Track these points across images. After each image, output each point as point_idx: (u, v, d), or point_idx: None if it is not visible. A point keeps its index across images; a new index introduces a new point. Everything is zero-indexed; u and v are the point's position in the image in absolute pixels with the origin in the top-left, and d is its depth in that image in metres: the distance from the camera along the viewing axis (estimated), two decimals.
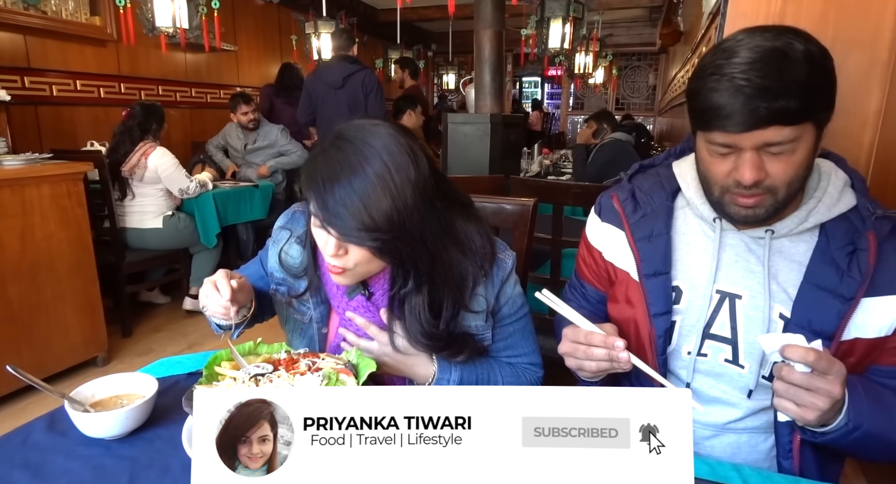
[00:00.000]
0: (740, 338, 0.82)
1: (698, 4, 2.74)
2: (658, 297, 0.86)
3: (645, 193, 0.93)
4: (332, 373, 0.75)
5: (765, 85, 0.67)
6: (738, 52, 0.70)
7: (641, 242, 0.89)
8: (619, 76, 8.52)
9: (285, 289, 0.95)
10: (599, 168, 3.36)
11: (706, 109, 0.72)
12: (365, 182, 0.71)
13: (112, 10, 3.46)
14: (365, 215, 0.71)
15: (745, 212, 0.77)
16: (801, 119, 0.69)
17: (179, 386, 0.89)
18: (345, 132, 0.76)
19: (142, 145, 2.85)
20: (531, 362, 0.97)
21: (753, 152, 0.72)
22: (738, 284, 0.83)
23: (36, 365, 2.27)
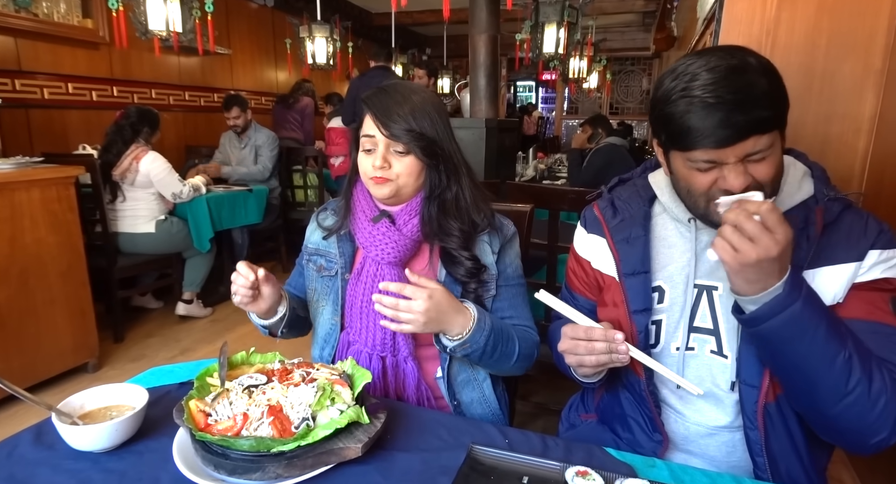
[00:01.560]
0: (721, 328, 0.86)
1: (692, 10, 2.75)
2: (637, 294, 0.90)
3: (623, 201, 0.98)
4: (327, 384, 0.73)
5: (738, 99, 0.71)
6: (699, 75, 0.73)
7: (620, 245, 0.94)
8: (613, 80, 8.56)
9: (318, 257, 1.09)
10: (595, 172, 3.36)
11: (684, 131, 0.75)
12: (412, 103, 0.95)
13: (105, 13, 3.43)
14: (413, 122, 0.93)
15: None
16: (774, 126, 0.73)
17: (171, 396, 0.87)
18: (393, 82, 1.02)
19: (133, 149, 2.82)
20: (529, 325, 1.07)
21: (735, 163, 0.75)
22: (713, 276, 0.87)
23: (25, 371, 2.23)
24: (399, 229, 0.99)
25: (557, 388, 2.29)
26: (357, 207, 1.03)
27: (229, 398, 0.71)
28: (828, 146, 1.27)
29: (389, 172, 0.96)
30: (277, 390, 0.72)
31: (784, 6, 1.24)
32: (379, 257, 0.98)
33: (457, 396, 1.04)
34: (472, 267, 0.99)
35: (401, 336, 1.00)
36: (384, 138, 0.95)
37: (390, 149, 0.96)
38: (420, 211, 1.00)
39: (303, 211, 4.32)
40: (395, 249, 0.98)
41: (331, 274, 1.07)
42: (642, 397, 0.93)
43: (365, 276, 1.01)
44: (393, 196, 0.98)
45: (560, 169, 4.80)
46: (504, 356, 0.98)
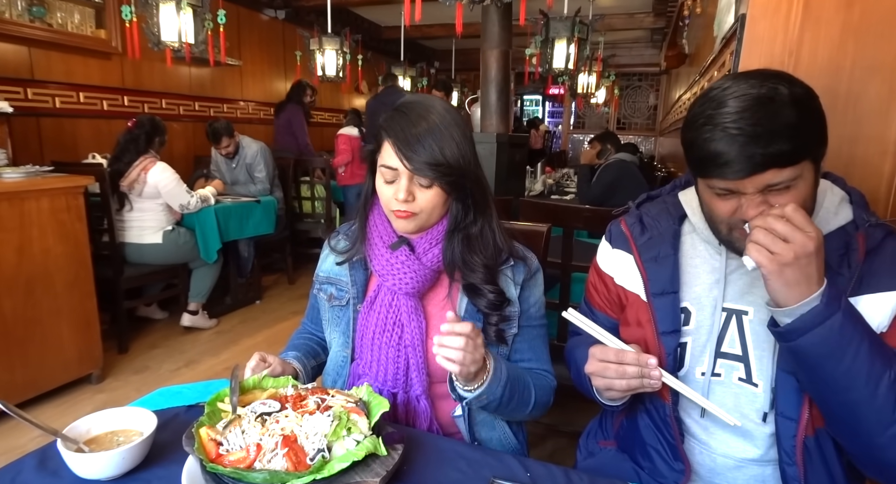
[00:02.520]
0: (751, 354, 0.83)
1: (705, 27, 2.74)
2: (666, 315, 0.87)
3: (652, 218, 0.96)
4: (343, 413, 0.70)
5: (757, 132, 0.69)
6: (727, 102, 0.72)
7: (649, 263, 0.91)
8: (621, 96, 8.57)
9: (328, 285, 1.03)
10: (604, 188, 3.34)
11: (703, 158, 0.74)
12: (434, 129, 0.87)
13: (118, 24, 3.45)
14: (437, 153, 0.86)
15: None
16: (797, 159, 0.71)
17: (179, 420, 0.84)
18: (409, 99, 0.94)
19: (142, 160, 2.82)
20: (547, 370, 1.03)
21: (754, 193, 0.74)
22: (743, 301, 0.84)
23: (29, 382, 2.21)
24: (419, 258, 0.93)
25: (568, 409, 2.25)
26: (373, 232, 0.97)
27: (241, 426, 0.68)
28: (852, 169, 1.24)
29: (413, 205, 0.90)
30: (292, 419, 0.69)
31: (807, 27, 1.22)
32: (396, 287, 0.93)
33: (476, 435, 0.99)
34: (496, 299, 0.94)
35: (414, 372, 0.94)
36: (407, 172, 0.88)
37: (414, 180, 0.89)
38: (442, 243, 0.95)
39: (310, 222, 4.31)
40: (414, 278, 0.92)
41: (342, 303, 1.01)
42: (666, 423, 0.89)
43: (379, 305, 0.95)
44: (418, 230, 0.94)
45: (568, 184, 4.78)
46: (520, 405, 0.94)
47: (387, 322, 0.94)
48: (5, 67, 3.06)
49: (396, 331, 0.94)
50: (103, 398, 2.41)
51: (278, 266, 4.36)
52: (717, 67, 1.77)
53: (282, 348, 1.10)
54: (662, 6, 5.20)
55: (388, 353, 0.94)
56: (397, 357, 0.93)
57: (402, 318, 0.93)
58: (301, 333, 1.16)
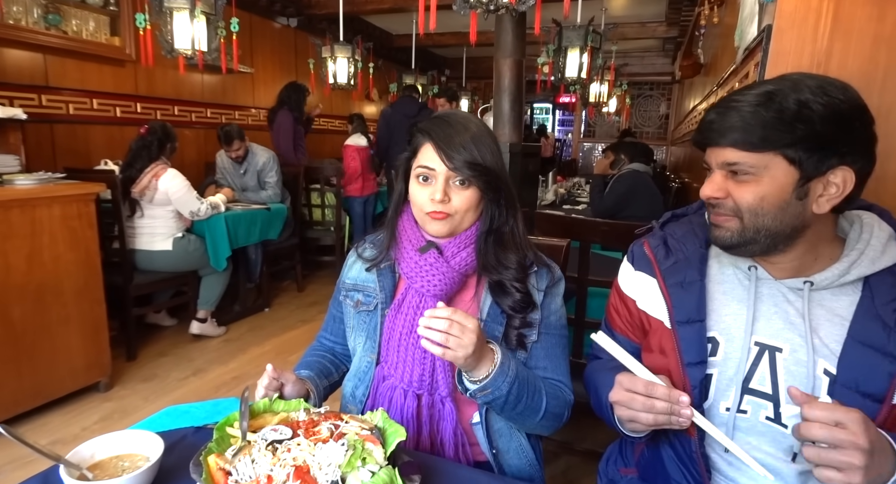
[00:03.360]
0: (782, 395, 0.78)
1: (722, 37, 2.71)
2: (691, 345, 0.83)
3: (677, 240, 0.92)
4: (358, 441, 0.67)
5: (741, 108, 0.74)
6: (755, 87, 0.75)
7: (674, 289, 0.87)
8: (632, 105, 8.53)
9: (355, 292, 1.04)
10: (617, 199, 3.30)
11: (697, 127, 0.81)
12: (471, 133, 0.92)
13: (132, 32, 3.47)
14: (475, 152, 0.91)
15: (714, 231, 0.82)
16: (759, 146, 0.73)
17: (187, 443, 0.81)
18: (446, 112, 0.99)
19: (153, 167, 2.82)
20: (563, 382, 1.01)
21: (718, 172, 0.78)
22: (778, 337, 0.79)
23: (37, 390, 2.20)
24: (447, 261, 0.95)
25: (582, 426, 2.20)
26: (403, 236, 0.99)
27: (251, 455, 0.65)
28: (884, 184, 1.20)
29: (449, 206, 0.92)
30: (304, 448, 0.65)
31: (837, 37, 1.19)
32: (424, 289, 0.94)
33: (495, 443, 0.98)
34: (522, 300, 0.95)
35: (440, 373, 0.94)
36: (445, 170, 0.91)
37: (450, 181, 0.92)
38: (475, 244, 0.96)
39: (319, 230, 4.30)
40: (442, 281, 0.93)
41: (369, 309, 1.02)
42: (692, 459, 0.85)
43: (406, 307, 0.96)
44: (450, 233, 0.95)
45: (579, 193, 4.74)
46: (529, 410, 0.91)
47: (414, 324, 0.93)
48: (21, 74, 3.08)
49: None
50: (111, 407, 2.39)
51: (287, 274, 4.34)
52: (738, 78, 1.74)
53: (290, 357, 1.09)
54: (676, 16, 5.17)
55: (415, 354, 0.94)
56: (423, 359, 0.94)
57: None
58: (315, 349, 1.14)
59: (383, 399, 0.97)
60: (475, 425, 0.97)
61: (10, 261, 2.05)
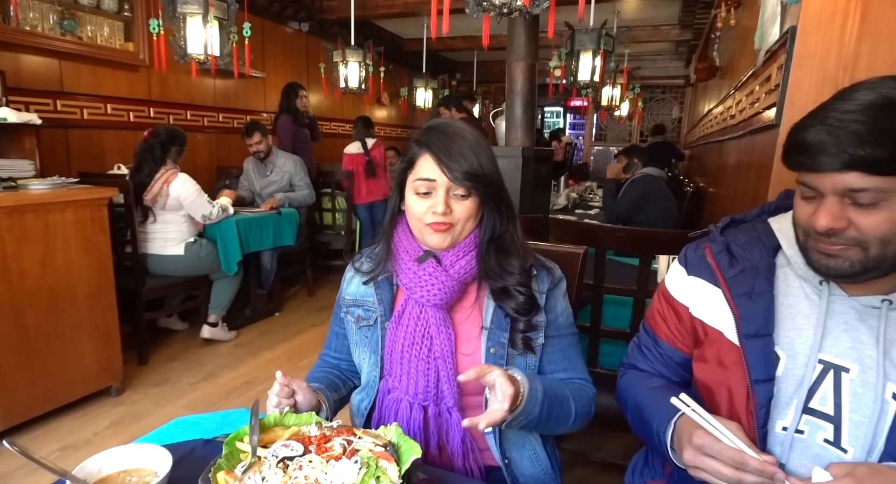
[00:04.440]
0: (844, 417, 0.72)
1: (739, 40, 2.66)
2: (760, 360, 0.77)
3: (742, 248, 0.85)
4: (371, 458, 0.65)
5: (854, 129, 0.64)
6: (855, 97, 0.67)
7: (741, 299, 0.81)
8: (644, 108, 8.47)
9: (355, 308, 1.02)
10: (630, 204, 3.25)
11: (791, 146, 0.71)
12: (471, 144, 0.91)
13: (146, 37, 3.50)
14: (475, 162, 0.89)
15: (825, 261, 0.72)
16: (889, 170, 0.64)
17: (196, 455, 0.79)
18: (439, 121, 0.97)
19: (163, 172, 2.82)
20: (584, 378, 1.01)
21: (834, 198, 0.68)
22: (846, 356, 0.73)
23: (49, 395, 2.20)
24: (446, 270, 0.93)
25: (597, 435, 2.16)
26: (399, 248, 0.97)
27: (262, 472, 0.63)
28: None
29: (451, 217, 0.91)
30: (316, 465, 0.63)
31: (865, 39, 1.15)
32: (424, 299, 0.92)
33: (507, 452, 0.97)
34: (526, 302, 0.94)
35: (445, 384, 0.93)
36: (446, 182, 0.90)
37: (450, 192, 0.91)
38: (474, 251, 0.95)
39: (330, 235, 4.29)
40: (442, 290, 0.92)
41: (369, 323, 1.00)
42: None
43: (407, 318, 0.95)
44: (450, 244, 0.94)
45: (591, 197, 4.70)
46: (560, 420, 0.91)
47: (416, 335, 0.93)
48: (36, 80, 3.11)
49: (426, 343, 0.93)
50: (122, 411, 2.39)
51: (297, 278, 4.34)
52: (759, 82, 1.70)
53: (301, 362, 1.08)
54: (689, 18, 5.12)
55: (419, 365, 0.93)
56: (427, 369, 0.93)
57: (431, 330, 0.93)
58: (320, 366, 1.12)
59: (389, 412, 0.96)
60: (487, 435, 0.96)
61: (24, 265, 2.06)
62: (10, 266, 2.01)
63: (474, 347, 0.95)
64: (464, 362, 0.94)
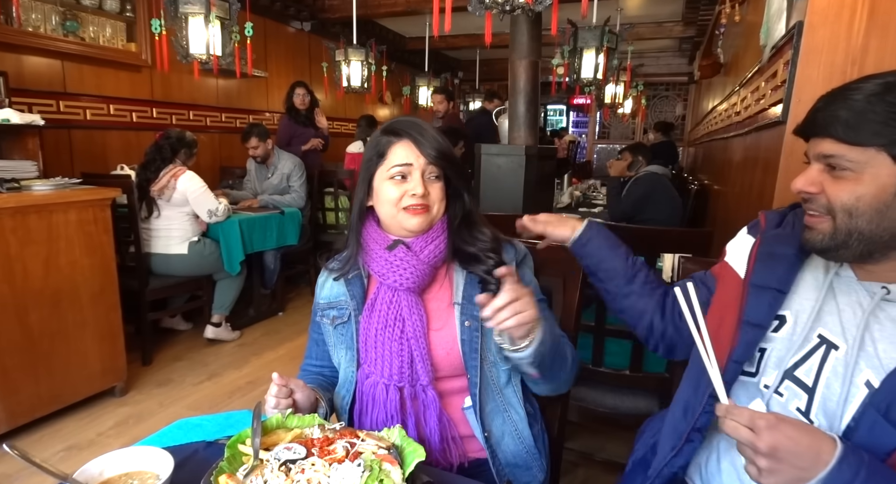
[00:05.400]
0: (818, 391, 0.74)
1: (744, 36, 2.64)
2: (759, 308, 0.81)
3: (795, 215, 0.87)
4: (375, 461, 0.64)
5: (844, 101, 0.69)
6: (869, 80, 0.70)
7: (763, 255, 0.85)
8: (647, 106, 8.43)
9: (330, 310, 1.04)
10: (635, 202, 3.24)
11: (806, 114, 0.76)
12: (432, 129, 0.98)
13: (148, 37, 3.50)
14: (444, 145, 0.96)
15: (805, 234, 0.77)
16: (861, 139, 0.67)
17: (198, 458, 0.79)
18: (396, 118, 1.01)
19: (171, 167, 2.84)
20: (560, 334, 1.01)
21: (815, 165, 0.73)
22: (840, 335, 0.75)
23: (53, 395, 2.20)
24: (416, 255, 0.96)
25: (601, 435, 2.15)
26: (368, 239, 1.00)
27: (264, 476, 0.62)
28: None
29: (428, 198, 0.96)
30: (319, 468, 0.62)
31: (873, 33, 1.13)
32: (397, 283, 0.95)
33: (487, 426, 0.97)
34: (495, 265, 0.96)
35: (419, 363, 0.94)
36: (423, 163, 0.95)
37: (425, 175, 0.96)
38: (444, 234, 0.99)
39: (333, 234, 4.28)
40: (414, 274, 0.95)
41: (343, 320, 1.02)
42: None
43: (379, 304, 0.97)
44: (427, 228, 0.97)
45: (595, 195, 4.68)
46: (562, 358, 0.96)
47: (388, 318, 0.96)
48: (39, 81, 3.12)
49: (398, 325, 0.95)
50: (126, 412, 2.39)
51: (301, 278, 4.33)
52: (764, 77, 1.68)
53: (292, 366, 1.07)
54: (693, 15, 5.09)
55: (392, 347, 0.95)
56: (401, 350, 0.95)
57: (404, 312, 0.96)
58: (303, 377, 1.11)
59: (367, 397, 0.97)
60: (467, 410, 0.97)
61: (28, 266, 2.06)
62: (13, 267, 2.01)
63: (445, 321, 0.98)
64: (436, 338, 0.96)
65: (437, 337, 0.97)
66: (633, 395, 1.62)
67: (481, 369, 0.96)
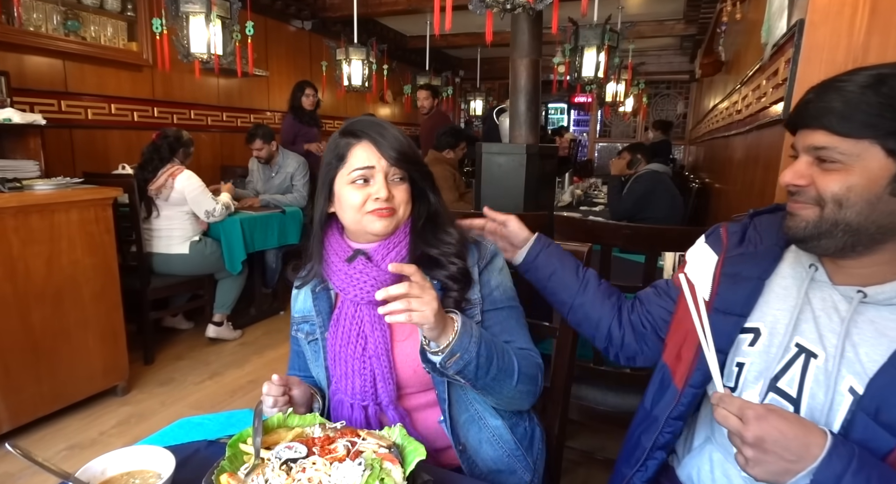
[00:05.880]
0: (804, 401, 0.74)
1: (746, 34, 2.63)
2: (720, 333, 0.80)
3: (757, 232, 0.87)
4: (376, 460, 0.64)
5: (836, 93, 0.68)
6: (860, 72, 0.69)
7: (726, 278, 0.85)
8: (649, 104, 8.41)
9: (304, 324, 1.02)
10: (636, 200, 3.24)
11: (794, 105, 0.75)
12: (394, 130, 0.93)
13: (149, 37, 3.50)
14: (406, 145, 0.92)
15: (788, 221, 0.76)
16: (854, 131, 0.67)
17: (199, 457, 0.79)
18: (356, 118, 0.98)
19: (169, 166, 2.84)
20: (528, 348, 0.98)
21: (804, 157, 0.72)
22: (817, 343, 0.75)
23: (55, 394, 2.21)
24: (377, 265, 0.92)
25: (602, 433, 2.15)
26: (329, 251, 0.96)
27: (265, 475, 0.62)
28: None
29: (393, 201, 0.91)
30: (319, 467, 0.63)
31: (875, 31, 1.13)
32: (358, 297, 0.91)
33: (462, 438, 0.95)
34: (459, 272, 0.93)
35: (381, 383, 0.92)
36: (385, 165, 0.90)
37: (388, 178, 0.91)
38: (407, 238, 0.95)
39: None
40: (375, 286, 0.89)
41: (315, 338, 1.00)
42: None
43: (343, 318, 0.94)
44: (393, 231, 0.93)
45: (596, 194, 4.68)
46: (504, 374, 0.88)
47: (350, 334, 0.93)
48: (41, 80, 3.12)
49: (360, 342, 0.93)
50: (128, 411, 2.39)
51: None
52: (766, 76, 1.68)
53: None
54: (694, 13, 5.07)
55: (354, 365, 0.93)
56: (363, 368, 0.92)
57: (366, 328, 0.93)
58: None
59: (336, 413, 0.97)
60: (442, 424, 0.94)
61: (30, 266, 2.06)
62: (15, 266, 2.02)
63: (409, 332, 0.95)
64: (401, 353, 0.93)
65: (403, 351, 0.93)
66: (634, 393, 1.61)
67: (448, 382, 0.92)
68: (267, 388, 0.86)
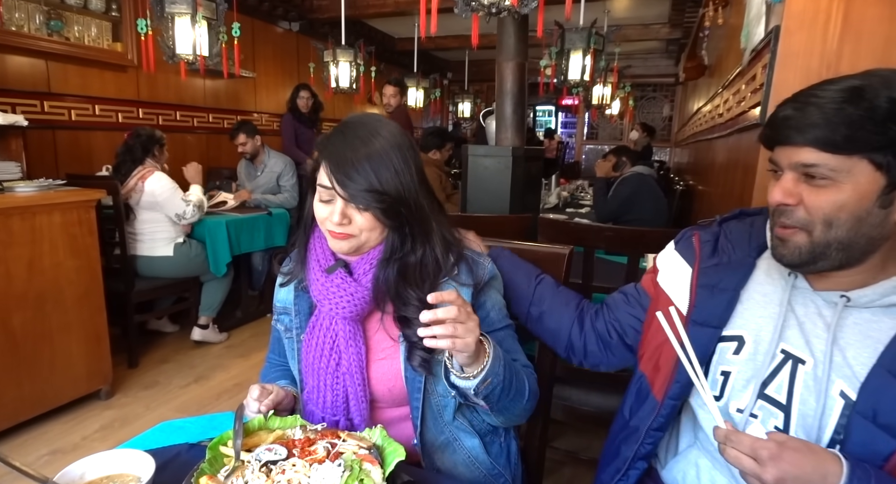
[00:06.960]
0: (794, 407, 0.74)
1: (727, 38, 2.68)
2: (697, 346, 0.79)
3: (729, 242, 0.87)
4: (355, 461, 0.64)
5: (818, 108, 0.67)
6: (834, 83, 0.69)
7: (703, 290, 0.84)
8: (635, 107, 8.49)
9: (284, 316, 0.99)
10: (621, 202, 3.27)
11: (766, 123, 0.74)
12: (373, 154, 0.82)
13: (133, 37, 3.47)
14: (374, 179, 0.81)
15: (778, 248, 0.75)
16: (845, 148, 0.66)
17: (180, 460, 0.79)
18: (353, 119, 0.88)
19: (140, 169, 2.79)
20: (524, 364, 0.97)
21: (790, 174, 0.71)
22: (804, 349, 0.75)
23: (37, 399, 2.18)
24: (357, 280, 0.88)
25: (587, 434, 2.17)
26: (311, 256, 0.92)
27: (244, 477, 0.63)
28: None
29: (351, 228, 0.85)
30: (299, 469, 0.63)
31: (847, 38, 1.16)
32: (333, 311, 0.87)
33: (438, 461, 0.92)
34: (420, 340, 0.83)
35: (353, 400, 0.89)
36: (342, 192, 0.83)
37: (349, 204, 0.83)
38: (375, 272, 0.88)
39: None
40: (351, 302, 0.86)
41: (292, 335, 0.97)
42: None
43: (318, 330, 0.91)
44: (355, 251, 0.88)
45: (583, 196, 4.71)
46: (518, 394, 0.88)
47: (324, 348, 0.89)
48: (23, 81, 3.08)
49: (334, 357, 0.89)
50: (112, 415, 2.37)
51: None
52: (745, 80, 1.71)
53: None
54: (679, 17, 5.14)
55: (326, 380, 0.89)
56: (335, 384, 0.89)
57: (340, 344, 0.89)
58: (271, 369, 1.10)
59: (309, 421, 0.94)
60: (415, 446, 0.91)
61: (11, 268, 2.04)
62: None
63: (388, 353, 0.91)
64: (377, 371, 0.90)
65: (379, 369, 0.90)
66: (617, 394, 1.63)
67: (425, 404, 0.89)
68: (256, 393, 0.84)
